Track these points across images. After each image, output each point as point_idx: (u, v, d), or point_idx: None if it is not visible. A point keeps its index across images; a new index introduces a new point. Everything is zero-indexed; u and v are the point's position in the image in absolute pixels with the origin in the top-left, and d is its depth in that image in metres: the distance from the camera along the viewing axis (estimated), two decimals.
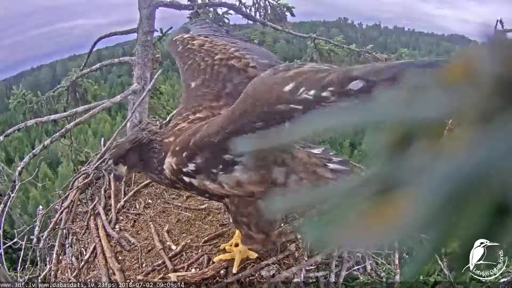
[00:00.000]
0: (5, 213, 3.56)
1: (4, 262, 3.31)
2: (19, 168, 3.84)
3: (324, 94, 1.41)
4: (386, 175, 0.35)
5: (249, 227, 2.16)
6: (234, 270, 2.35)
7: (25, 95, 5.78)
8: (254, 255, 2.35)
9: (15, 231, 3.96)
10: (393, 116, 0.36)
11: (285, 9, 5.26)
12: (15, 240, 3.70)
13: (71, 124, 4.28)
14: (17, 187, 3.73)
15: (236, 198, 2.09)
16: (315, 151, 2.18)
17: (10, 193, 3.66)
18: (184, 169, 2.02)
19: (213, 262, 2.48)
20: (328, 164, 2.13)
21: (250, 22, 5.22)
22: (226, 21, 5.09)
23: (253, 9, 5.15)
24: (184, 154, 1.99)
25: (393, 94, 0.37)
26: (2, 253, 3.29)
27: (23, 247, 3.51)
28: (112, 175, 2.53)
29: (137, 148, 2.10)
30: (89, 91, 5.82)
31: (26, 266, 3.43)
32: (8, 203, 3.61)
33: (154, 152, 2.09)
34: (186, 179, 2.05)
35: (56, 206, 3.53)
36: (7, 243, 3.70)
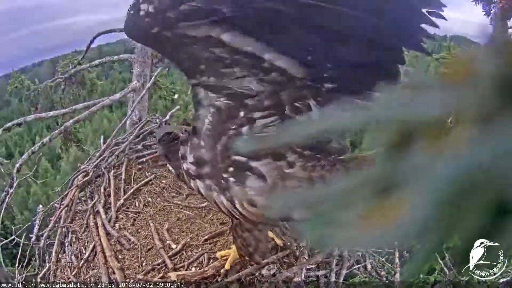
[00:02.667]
0: (3, 209, 3.56)
1: (3, 259, 3.31)
2: (17, 165, 3.85)
3: None
4: (386, 175, 0.34)
5: (238, 246, 2.08)
6: (226, 267, 2.35)
7: (23, 81, 5.79)
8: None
9: (13, 227, 3.96)
10: (393, 115, 0.36)
11: None
12: (12, 237, 3.70)
13: (70, 121, 4.28)
14: (15, 183, 3.73)
15: (239, 220, 1.90)
16: None
17: (9, 189, 3.67)
18: (185, 166, 1.79)
19: (214, 260, 2.48)
20: None
21: None
22: None
23: None
24: (186, 145, 1.80)
25: (393, 93, 0.37)
26: (0, 250, 3.30)
27: (21, 244, 3.51)
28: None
29: (165, 143, 1.95)
30: (86, 77, 5.82)
31: (25, 263, 3.43)
32: (7, 199, 3.61)
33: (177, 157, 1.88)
34: (192, 183, 1.81)
35: (55, 204, 3.53)
36: (4, 240, 3.70)
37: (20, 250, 3.52)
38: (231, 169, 1.68)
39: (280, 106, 1.61)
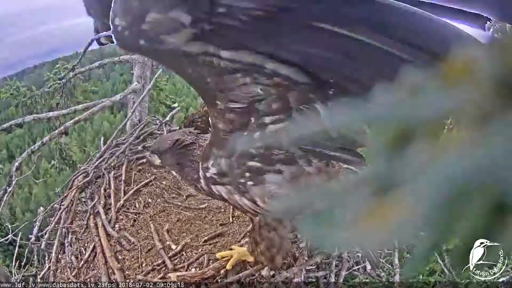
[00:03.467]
0: (1, 208, 3.55)
1: (3, 259, 3.31)
2: (16, 164, 3.84)
3: None
4: (385, 174, 0.34)
5: (261, 251, 2.06)
6: (228, 267, 2.35)
7: (19, 88, 5.79)
8: (251, 258, 2.33)
9: (9, 226, 3.96)
10: (392, 115, 0.36)
11: None
12: (8, 236, 3.70)
13: (70, 122, 4.28)
14: (14, 182, 3.72)
15: (264, 220, 1.92)
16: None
17: (7, 187, 3.66)
18: (207, 174, 1.82)
19: (214, 261, 2.48)
20: None
21: None
22: None
23: None
24: (206, 156, 1.82)
25: (393, 93, 0.37)
26: None
27: (17, 244, 3.51)
28: (146, 157, 2.31)
29: (176, 150, 1.94)
30: (78, 88, 5.81)
31: (23, 263, 3.43)
32: (5, 198, 3.60)
33: (192, 158, 1.90)
34: (214, 188, 1.83)
35: (55, 205, 3.53)
36: (1, 240, 3.70)
37: (17, 249, 3.51)
38: (247, 174, 1.71)
39: (288, 110, 1.59)
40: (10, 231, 3.81)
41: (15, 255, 3.48)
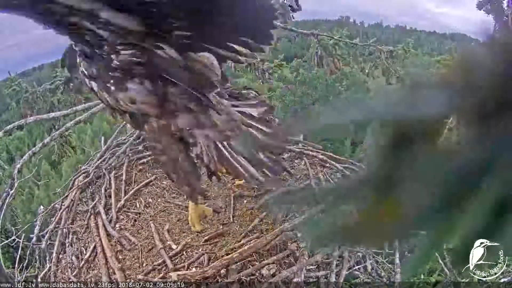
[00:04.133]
0: (3, 210, 3.55)
1: (5, 261, 3.30)
2: (18, 166, 3.83)
3: None
4: (385, 174, 0.34)
5: (171, 179, 2.26)
6: (194, 229, 2.56)
7: (20, 83, 5.80)
8: (209, 210, 2.40)
9: (13, 229, 3.95)
10: (393, 114, 0.36)
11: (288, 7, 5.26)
12: (13, 237, 3.69)
13: (71, 122, 4.27)
14: (16, 184, 3.72)
15: (152, 144, 2.19)
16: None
17: (9, 190, 3.65)
18: (81, 69, 2.10)
19: (214, 260, 2.48)
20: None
21: None
22: None
23: None
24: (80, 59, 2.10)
25: (393, 92, 0.37)
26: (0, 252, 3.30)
27: (20, 245, 3.50)
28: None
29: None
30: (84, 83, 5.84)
31: (25, 265, 3.43)
32: (7, 201, 3.59)
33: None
34: (87, 81, 2.12)
35: (56, 205, 3.53)
36: (5, 241, 3.69)
37: (19, 250, 3.51)
38: (112, 81, 2.02)
39: (136, 44, 1.89)
40: (13, 233, 3.80)
41: (18, 257, 3.47)
